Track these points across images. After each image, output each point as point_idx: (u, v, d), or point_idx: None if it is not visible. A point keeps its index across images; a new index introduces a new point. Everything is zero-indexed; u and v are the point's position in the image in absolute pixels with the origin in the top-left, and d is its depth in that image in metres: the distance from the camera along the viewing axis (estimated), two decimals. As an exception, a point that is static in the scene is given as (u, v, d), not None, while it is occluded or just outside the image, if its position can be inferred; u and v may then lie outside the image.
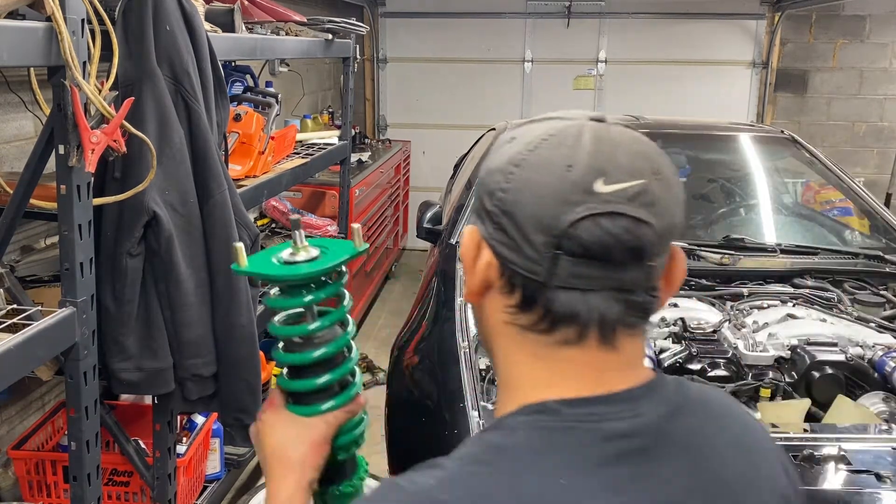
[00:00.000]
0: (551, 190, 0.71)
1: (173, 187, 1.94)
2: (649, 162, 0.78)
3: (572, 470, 0.71)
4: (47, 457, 2.46)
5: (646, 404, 0.76)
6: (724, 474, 0.78)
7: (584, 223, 0.70)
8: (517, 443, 0.74)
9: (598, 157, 0.73)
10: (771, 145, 3.73)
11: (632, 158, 0.76)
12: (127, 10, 1.84)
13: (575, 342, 0.74)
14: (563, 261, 0.71)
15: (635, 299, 0.74)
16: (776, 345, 2.15)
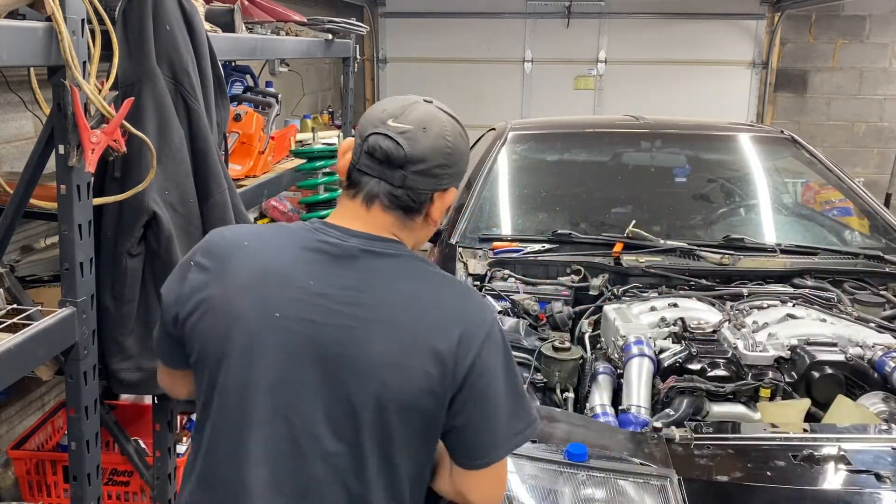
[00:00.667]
0: (370, 119, 1.32)
1: (173, 187, 1.94)
2: (424, 122, 1.31)
3: (291, 244, 1.32)
4: (47, 457, 2.46)
5: (356, 242, 1.29)
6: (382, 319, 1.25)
7: (373, 136, 1.29)
8: (286, 228, 1.38)
9: (399, 111, 1.32)
10: (771, 145, 3.73)
11: (417, 117, 1.31)
12: (127, 9, 1.84)
13: (352, 198, 1.32)
14: (363, 154, 1.30)
15: (393, 191, 1.30)
16: (776, 345, 2.15)
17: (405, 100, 1.35)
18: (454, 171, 1.33)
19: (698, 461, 1.69)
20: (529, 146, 3.76)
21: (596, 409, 2.00)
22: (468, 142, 1.40)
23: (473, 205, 3.21)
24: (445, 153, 1.30)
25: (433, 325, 1.25)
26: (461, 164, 1.36)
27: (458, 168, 1.35)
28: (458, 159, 1.33)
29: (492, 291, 2.59)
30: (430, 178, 1.29)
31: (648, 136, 3.72)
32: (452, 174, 1.33)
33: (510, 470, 1.66)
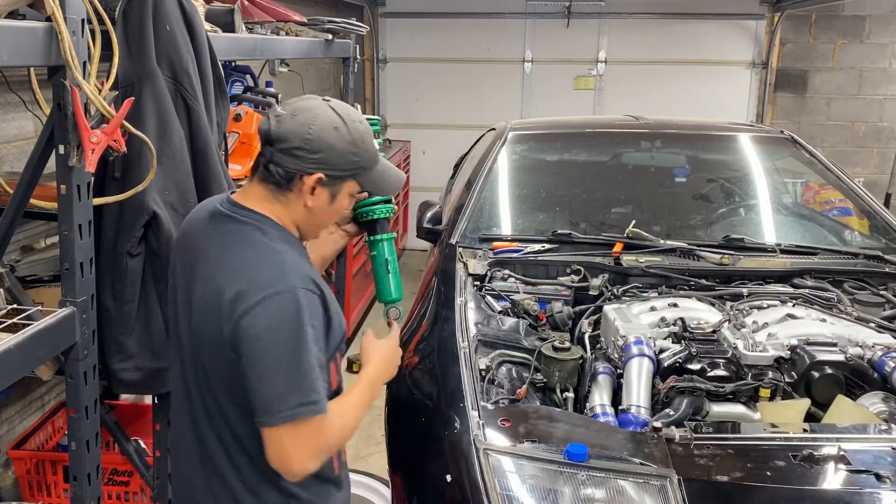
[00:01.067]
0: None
1: (173, 187, 1.94)
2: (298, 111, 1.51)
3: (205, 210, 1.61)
4: (47, 457, 2.47)
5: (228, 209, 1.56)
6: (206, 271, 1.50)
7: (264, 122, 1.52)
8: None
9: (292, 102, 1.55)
10: (771, 145, 3.74)
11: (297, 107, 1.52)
12: (127, 10, 1.84)
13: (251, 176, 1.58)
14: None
15: (266, 165, 1.51)
16: (776, 345, 2.15)
17: (308, 96, 1.57)
18: (319, 158, 1.49)
19: (698, 461, 1.69)
20: (529, 146, 3.76)
21: (596, 409, 2.00)
22: (352, 138, 1.52)
23: (473, 205, 3.21)
24: (305, 138, 1.47)
25: (226, 281, 1.44)
26: (328, 153, 1.49)
27: (322, 156, 1.49)
28: (320, 147, 1.48)
29: (492, 291, 2.59)
30: (292, 158, 1.49)
31: (648, 136, 3.72)
32: (317, 160, 1.49)
33: (510, 469, 1.66)
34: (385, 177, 1.63)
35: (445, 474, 1.74)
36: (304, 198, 1.52)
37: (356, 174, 1.56)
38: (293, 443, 1.41)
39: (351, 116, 1.54)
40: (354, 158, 1.53)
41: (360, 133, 1.54)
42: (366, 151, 1.56)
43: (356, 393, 1.60)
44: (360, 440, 3.80)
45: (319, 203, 1.54)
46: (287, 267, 1.47)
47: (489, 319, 2.36)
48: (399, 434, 2.11)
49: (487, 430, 1.78)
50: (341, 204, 1.58)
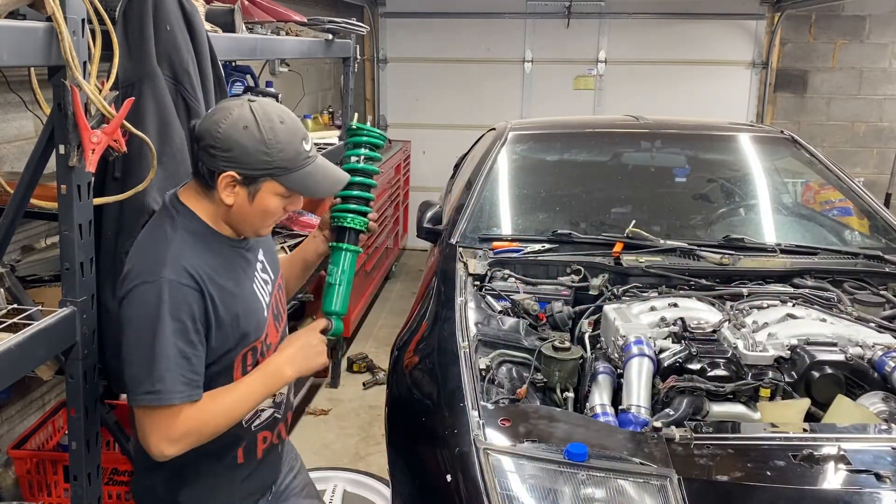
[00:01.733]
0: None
1: (174, 187, 1.93)
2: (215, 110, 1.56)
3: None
4: (48, 456, 2.47)
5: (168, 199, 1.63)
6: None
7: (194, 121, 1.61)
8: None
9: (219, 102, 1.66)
10: (771, 145, 3.74)
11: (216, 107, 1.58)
12: (127, 9, 1.84)
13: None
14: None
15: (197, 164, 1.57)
16: (776, 345, 2.15)
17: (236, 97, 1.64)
18: (229, 157, 1.50)
19: (698, 461, 1.69)
20: (529, 146, 3.76)
21: (596, 409, 2.00)
22: (263, 137, 1.51)
23: (473, 205, 3.21)
24: (215, 136, 1.50)
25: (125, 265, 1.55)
26: (237, 151, 1.50)
27: (232, 154, 1.50)
28: (230, 146, 1.50)
29: (492, 291, 2.59)
30: (208, 156, 1.52)
31: (648, 136, 3.72)
32: (227, 158, 1.50)
33: (510, 469, 1.66)
34: (313, 178, 1.59)
35: (445, 474, 1.74)
36: (222, 195, 1.54)
37: (273, 174, 1.54)
38: (148, 425, 1.50)
39: (269, 115, 1.53)
40: (266, 158, 1.52)
41: (276, 133, 1.52)
42: (281, 151, 1.53)
43: (245, 381, 1.60)
44: (360, 440, 3.80)
45: (239, 201, 1.55)
46: (167, 258, 1.50)
47: (489, 319, 2.36)
48: (399, 434, 2.11)
49: (487, 430, 1.78)
50: (266, 203, 1.56)
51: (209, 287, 1.52)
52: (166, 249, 1.51)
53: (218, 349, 1.56)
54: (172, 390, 1.46)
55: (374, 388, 4.31)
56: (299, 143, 1.57)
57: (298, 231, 3.92)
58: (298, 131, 1.58)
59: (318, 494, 2.11)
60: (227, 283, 1.57)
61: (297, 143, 1.56)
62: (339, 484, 3.17)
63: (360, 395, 4.26)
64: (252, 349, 1.64)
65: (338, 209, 1.86)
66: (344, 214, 1.85)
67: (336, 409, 4.08)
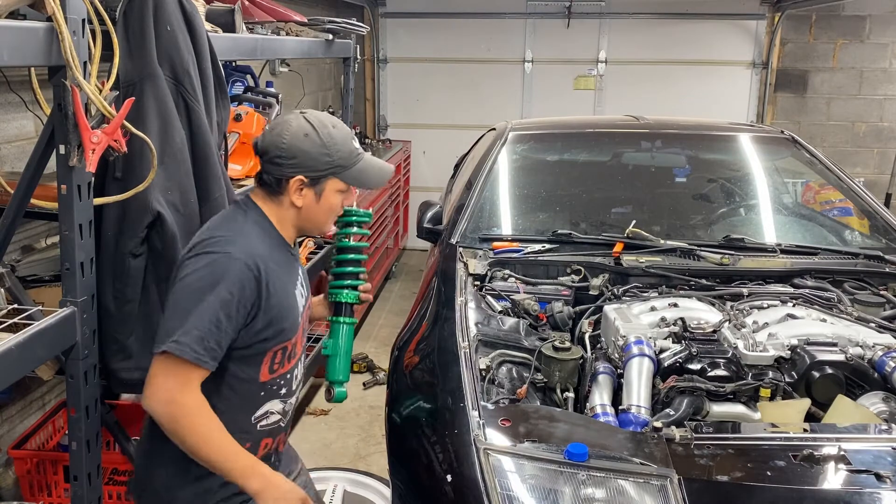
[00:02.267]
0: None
1: (175, 187, 1.94)
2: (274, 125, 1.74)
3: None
4: (48, 456, 2.47)
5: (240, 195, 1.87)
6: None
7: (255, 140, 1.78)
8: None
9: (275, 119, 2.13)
10: (771, 145, 3.74)
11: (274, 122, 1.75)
12: (128, 10, 1.84)
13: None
14: None
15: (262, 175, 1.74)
16: (776, 345, 2.15)
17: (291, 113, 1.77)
18: (295, 163, 1.69)
19: (698, 461, 1.69)
20: (530, 146, 3.76)
21: (596, 409, 2.00)
22: (322, 142, 1.71)
23: (474, 205, 3.21)
24: (281, 147, 1.69)
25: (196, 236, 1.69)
26: (302, 157, 1.69)
27: (298, 160, 1.69)
28: (295, 153, 1.69)
29: (492, 291, 2.59)
30: (274, 166, 1.71)
31: (648, 136, 3.72)
32: (294, 164, 1.70)
33: (510, 469, 1.66)
34: (367, 172, 1.80)
35: (445, 474, 1.74)
36: (292, 198, 1.72)
37: (335, 172, 1.74)
38: (153, 372, 1.59)
39: (323, 123, 1.74)
40: (328, 159, 1.71)
41: (332, 137, 1.72)
42: (338, 152, 1.73)
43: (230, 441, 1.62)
44: (360, 440, 3.80)
45: (307, 202, 1.74)
46: (238, 240, 1.66)
47: (489, 319, 2.36)
48: (399, 434, 2.11)
49: (488, 430, 1.78)
50: (330, 201, 1.76)
51: (266, 275, 1.65)
52: (238, 233, 1.67)
53: (257, 334, 1.67)
54: (198, 350, 1.56)
55: (375, 388, 4.31)
56: (351, 143, 1.77)
57: (299, 231, 3.92)
58: (348, 133, 1.79)
59: (318, 496, 2.12)
60: (280, 278, 1.71)
61: (350, 143, 1.77)
62: (339, 484, 3.16)
63: (360, 395, 4.26)
64: (283, 348, 1.75)
65: (333, 285, 2.03)
66: (339, 290, 2.01)
67: (336, 409, 4.08)
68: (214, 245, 1.63)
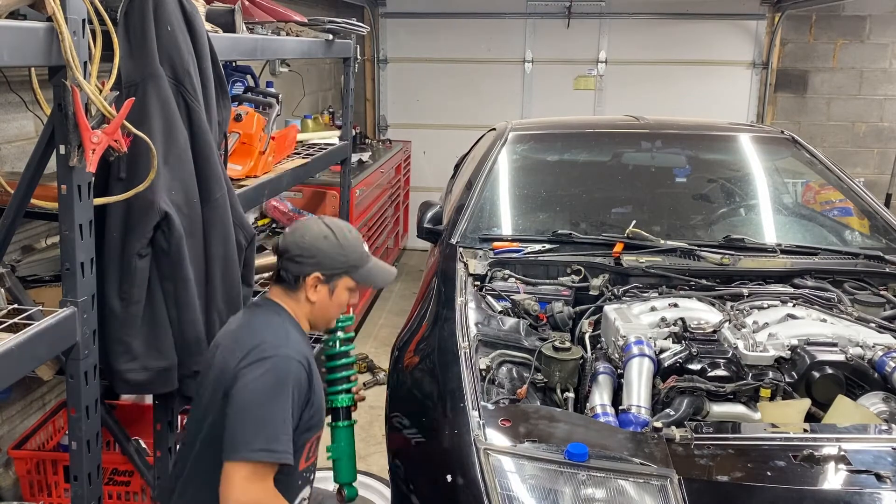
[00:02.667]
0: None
1: (179, 187, 1.94)
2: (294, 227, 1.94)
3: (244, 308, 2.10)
4: (48, 456, 2.47)
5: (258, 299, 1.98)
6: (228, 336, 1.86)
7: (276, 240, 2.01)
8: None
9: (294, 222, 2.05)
10: (771, 145, 3.74)
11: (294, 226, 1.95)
12: (128, 10, 1.84)
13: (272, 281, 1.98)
14: None
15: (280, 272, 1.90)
16: (776, 345, 2.15)
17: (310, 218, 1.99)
18: (314, 262, 1.87)
19: (698, 461, 1.69)
20: (530, 146, 3.76)
21: (596, 409, 2.00)
22: (339, 243, 1.89)
23: (474, 205, 3.21)
24: (301, 246, 1.87)
25: (245, 339, 1.79)
26: (320, 257, 1.87)
27: (316, 259, 1.87)
28: (314, 253, 1.86)
29: (492, 291, 2.59)
30: (294, 264, 1.87)
31: (648, 136, 3.72)
32: (313, 263, 1.87)
33: (510, 469, 1.66)
34: (375, 273, 1.98)
35: (446, 474, 1.74)
36: (308, 294, 1.88)
37: (348, 271, 1.91)
38: (233, 478, 1.67)
39: (339, 227, 1.93)
40: (343, 259, 1.89)
41: (348, 239, 1.91)
42: (353, 252, 1.91)
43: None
44: (360, 440, 3.80)
45: (321, 297, 1.90)
46: (290, 341, 1.81)
47: (489, 319, 2.36)
48: (399, 434, 2.11)
49: (488, 430, 1.78)
50: (341, 297, 1.93)
51: (311, 371, 1.82)
52: (286, 334, 1.82)
53: (304, 424, 1.81)
54: (286, 450, 1.70)
55: (375, 388, 4.31)
56: (362, 247, 1.96)
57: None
58: (360, 238, 1.98)
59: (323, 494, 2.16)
60: (316, 370, 1.87)
61: (361, 247, 1.95)
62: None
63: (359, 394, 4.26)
64: (317, 437, 1.93)
65: (328, 392, 2.08)
66: (334, 396, 2.09)
67: (336, 410, 4.07)
68: (269, 350, 1.75)
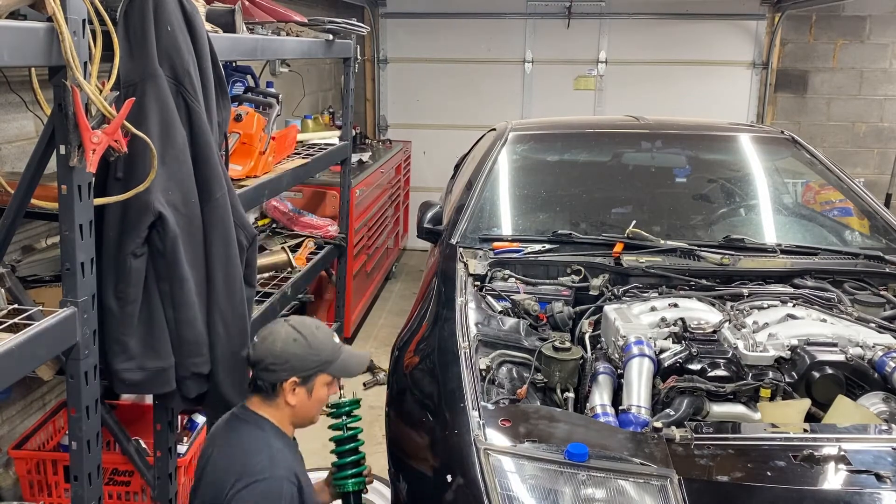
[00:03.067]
0: None
1: (176, 187, 1.94)
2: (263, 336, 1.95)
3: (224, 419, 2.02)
4: (48, 456, 2.47)
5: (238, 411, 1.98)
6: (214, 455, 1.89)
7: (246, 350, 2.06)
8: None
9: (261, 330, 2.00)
10: (771, 146, 3.74)
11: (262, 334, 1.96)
12: (128, 10, 1.84)
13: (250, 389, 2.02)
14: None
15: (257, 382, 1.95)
16: (776, 345, 2.15)
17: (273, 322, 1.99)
18: (289, 367, 1.89)
19: (698, 461, 1.69)
20: (530, 146, 3.76)
21: (596, 409, 2.00)
22: (308, 342, 1.91)
23: (474, 205, 3.21)
24: (274, 354, 1.89)
25: (230, 463, 1.83)
26: (294, 361, 1.89)
27: (290, 364, 1.89)
28: (287, 358, 1.89)
29: (492, 291, 2.59)
30: (269, 373, 1.90)
31: (649, 136, 3.72)
32: (288, 369, 1.89)
33: (510, 469, 1.66)
34: (349, 363, 2.01)
35: (446, 474, 1.74)
36: (287, 398, 1.91)
37: (322, 368, 1.94)
38: None
39: (307, 326, 1.95)
40: (316, 358, 1.92)
41: (318, 338, 1.94)
42: (324, 349, 1.94)
43: None
44: (360, 440, 3.79)
45: (300, 399, 1.93)
46: (276, 460, 1.83)
47: (489, 319, 2.36)
48: (399, 434, 2.11)
49: (488, 430, 1.78)
50: (320, 394, 1.96)
51: (301, 483, 1.86)
52: (273, 453, 1.84)
53: None
54: None
55: (375, 388, 4.31)
56: (332, 340, 1.98)
57: (299, 231, 3.93)
58: (329, 332, 2.00)
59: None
60: (305, 477, 1.91)
61: (331, 340, 1.98)
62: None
63: (360, 395, 4.26)
64: None
65: (337, 477, 2.14)
66: (344, 482, 2.13)
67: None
68: (259, 472, 1.79)
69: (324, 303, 4.51)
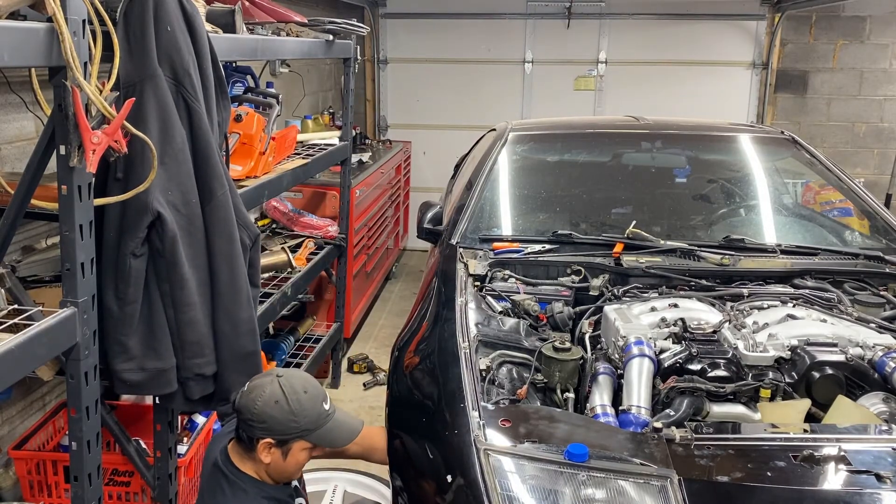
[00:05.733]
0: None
1: (175, 187, 1.94)
2: (250, 388, 1.89)
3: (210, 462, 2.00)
4: (48, 457, 2.47)
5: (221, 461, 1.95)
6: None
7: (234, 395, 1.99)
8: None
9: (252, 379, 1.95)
10: (771, 146, 3.74)
11: (250, 385, 1.90)
12: (128, 10, 1.84)
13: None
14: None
15: (238, 431, 1.93)
16: (776, 345, 2.15)
17: (265, 374, 1.95)
18: (264, 427, 1.85)
19: (698, 461, 1.69)
20: (530, 147, 3.76)
21: (596, 410, 2.00)
22: (291, 409, 1.85)
23: (474, 205, 3.21)
24: (253, 411, 1.85)
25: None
26: (270, 422, 1.85)
27: (267, 425, 1.85)
28: (265, 419, 1.84)
29: (492, 292, 2.59)
30: (247, 426, 1.87)
31: (648, 136, 3.72)
32: (264, 428, 1.85)
33: (510, 470, 1.66)
34: (334, 432, 1.94)
35: (446, 475, 1.74)
36: (261, 456, 1.88)
37: (301, 435, 1.89)
38: None
39: (294, 389, 1.88)
40: (294, 424, 1.87)
41: (302, 403, 1.87)
42: (306, 417, 1.88)
43: None
44: (360, 440, 3.80)
45: (274, 460, 1.89)
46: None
47: (490, 320, 2.36)
48: (399, 434, 2.11)
49: (488, 431, 1.78)
50: (298, 458, 1.92)
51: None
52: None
53: None
54: None
55: (375, 388, 4.31)
56: (320, 406, 1.91)
57: (299, 231, 3.93)
58: (319, 396, 1.93)
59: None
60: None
61: (319, 407, 1.91)
62: (339, 484, 3.17)
63: (360, 395, 4.26)
64: None
65: None
66: None
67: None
68: None
69: (324, 303, 4.51)
